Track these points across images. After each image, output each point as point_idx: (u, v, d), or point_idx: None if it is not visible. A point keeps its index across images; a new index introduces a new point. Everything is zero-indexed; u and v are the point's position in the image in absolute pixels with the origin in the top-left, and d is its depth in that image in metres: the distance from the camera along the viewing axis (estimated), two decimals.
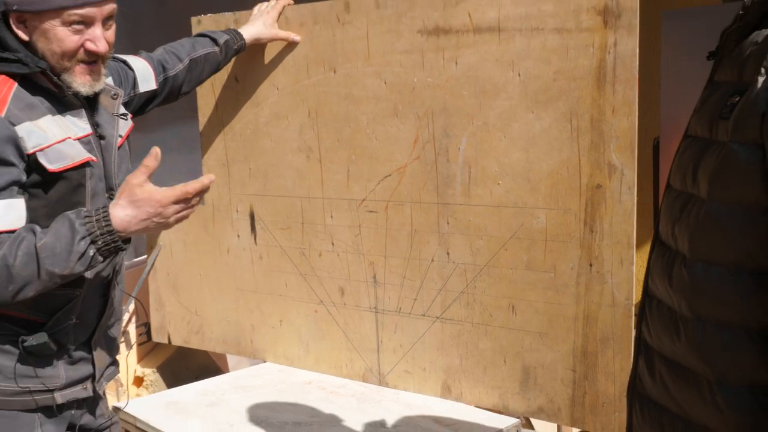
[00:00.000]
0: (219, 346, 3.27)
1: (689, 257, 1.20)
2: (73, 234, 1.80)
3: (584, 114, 2.31)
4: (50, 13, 1.87)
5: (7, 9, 1.87)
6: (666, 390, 1.28)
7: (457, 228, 2.60)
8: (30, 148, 1.86)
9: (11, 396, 1.97)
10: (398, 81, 2.63)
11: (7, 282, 1.79)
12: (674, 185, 1.30)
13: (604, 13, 2.23)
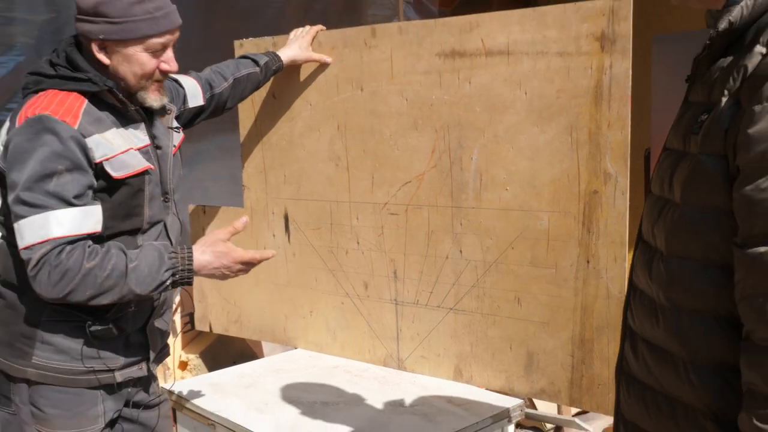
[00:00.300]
0: (255, 334, 3.30)
1: (666, 253, 1.24)
2: (160, 264, 1.95)
3: (583, 128, 2.37)
4: (135, 41, 1.97)
5: (92, 38, 1.94)
6: (648, 370, 1.31)
7: (469, 229, 2.64)
8: (98, 158, 1.96)
9: (78, 375, 2.04)
10: (418, 98, 2.68)
11: (89, 288, 1.89)
12: (654, 191, 1.34)
13: (601, 39, 2.29)
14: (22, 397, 2.04)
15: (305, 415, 2.53)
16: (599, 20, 2.29)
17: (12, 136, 1.91)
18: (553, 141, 2.43)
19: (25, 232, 1.86)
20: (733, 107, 1.11)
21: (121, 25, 1.93)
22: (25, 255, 1.87)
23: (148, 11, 1.96)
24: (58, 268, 1.85)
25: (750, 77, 1.09)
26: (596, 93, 2.32)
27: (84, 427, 2.07)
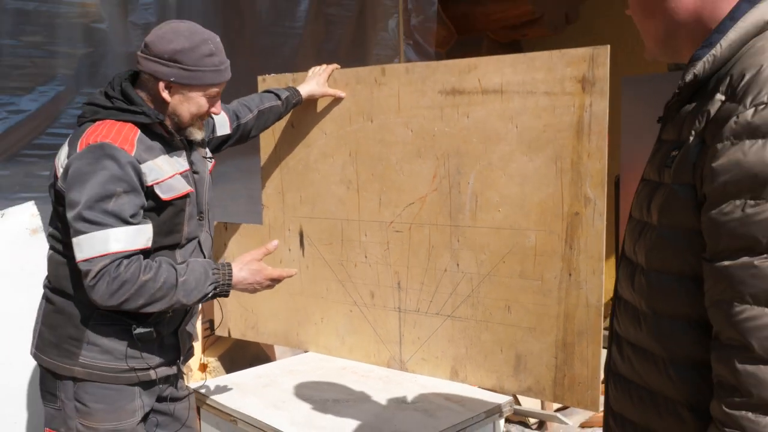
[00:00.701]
0: (270, 339, 3.32)
1: (646, 268, 1.27)
2: (205, 279, 2.08)
3: (566, 158, 2.44)
4: (199, 87, 2.13)
5: (161, 78, 2.08)
6: (633, 368, 1.32)
7: (466, 245, 2.69)
8: (149, 182, 2.07)
9: (120, 373, 2.14)
10: (422, 129, 2.73)
11: (142, 298, 1.99)
12: (634, 215, 1.37)
13: (583, 82, 2.37)
14: (67, 393, 2.11)
15: (318, 411, 2.56)
16: (581, 65, 2.36)
17: (73, 160, 1.99)
18: (540, 169, 2.49)
19: (85, 246, 1.95)
20: (699, 145, 1.15)
21: (192, 73, 2.08)
22: (84, 266, 1.96)
23: (215, 64, 2.12)
24: (117, 280, 1.95)
25: (712, 120, 1.12)
26: (578, 128, 2.41)
27: (123, 420, 2.15)
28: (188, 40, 2.08)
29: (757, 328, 1.03)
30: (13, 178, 3.21)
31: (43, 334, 2.17)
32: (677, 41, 1.29)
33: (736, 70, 1.13)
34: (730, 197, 1.07)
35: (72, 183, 1.98)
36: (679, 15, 1.24)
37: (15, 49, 3.18)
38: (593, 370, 2.45)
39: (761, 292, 1.04)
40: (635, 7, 1.34)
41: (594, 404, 2.49)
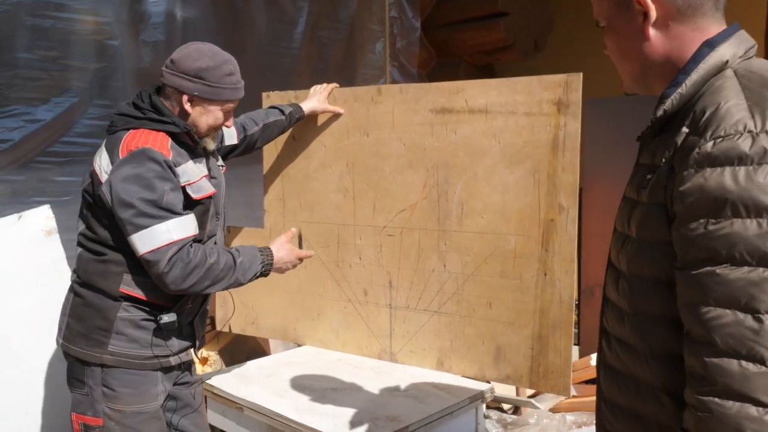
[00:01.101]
0: (269, 334, 3.38)
1: (627, 274, 1.34)
2: (255, 259, 2.31)
3: (543, 171, 2.57)
4: (219, 102, 2.25)
5: (185, 92, 2.20)
6: (619, 359, 1.38)
7: (452, 248, 2.80)
8: (182, 182, 2.19)
9: (145, 359, 2.22)
10: (414, 144, 2.85)
11: (207, 280, 2.16)
12: (618, 228, 1.42)
13: (558, 104, 2.52)
14: (95, 379, 2.19)
15: (318, 399, 2.64)
16: (557, 90, 2.52)
17: (119, 164, 2.10)
18: (520, 180, 2.62)
19: (147, 239, 2.06)
20: (669, 170, 1.21)
21: (214, 89, 2.22)
22: (152, 257, 2.07)
23: (233, 83, 2.26)
24: (189, 265, 2.10)
25: (679, 149, 1.19)
26: (554, 144, 2.54)
27: (147, 403, 2.24)
28: (212, 59, 2.22)
29: (720, 326, 1.10)
30: (27, 183, 3.27)
31: (71, 326, 2.25)
32: (650, 79, 1.37)
33: (698, 107, 1.20)
34: (695, 217, 1.13)
35: (122, 185, 2.08)
36: (652, 58, 1.33)
37: (32, 63, 3.25)
38: (565, 360, 2.59)
39: (722, 296, 1.11)
40: (613, 50, 1.41)
41: (566, 390, 2.62)
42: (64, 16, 3.33)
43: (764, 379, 1.09)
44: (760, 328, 1.08)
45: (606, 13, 1.36)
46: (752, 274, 1.09)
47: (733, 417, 1.10)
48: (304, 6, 4.30)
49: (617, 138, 4.15)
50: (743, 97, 1.16)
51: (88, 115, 3.45)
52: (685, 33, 1.29)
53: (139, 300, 2.21)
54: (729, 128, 1.13)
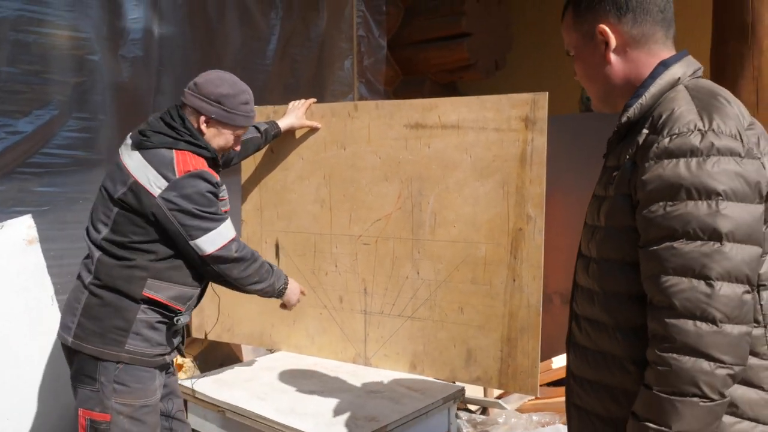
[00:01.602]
0: (245, 340, 3.36)
1: (597, 258, 1.46)
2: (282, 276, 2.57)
3: (512, 183, 2.62)
4: (233, 127, 2.40)
5: (203, 113, 2.33)
6: (589, 337, 1.49)
7: (425, 256, 2.83)
8: (220, 196, 2.36)
9: (154, 357, 2.31)
10: (389, 157, 2.88)
11: (257, 275, 2.42)
12: (588, 222, 1.55)
13: (526, 121, 2.58)
14: (108, 376, 2.22)
15: (298, 401, 2.64)
16: (525, 107, 2.58)
17: (177, 183, 2.21)
18: (490, 192, 2.67)
19: (217, 238, 2.27)
20: (632, 165, 1.36)
21: (231, 114, 2.35)
22: (222, 252, 2.28)
23: (247, 111, 2.41)
24: (251, 257, 2.39)
25: (641, 147, 1.35)
26: (522, 158, 2.60)
27: (150, 397, 2.31)
28: (231, 87, 2.36)
29: (678, 292, 1.24)
30: (7, 194, 3.21)
31: (84, 325, 2.26)
32: (614, 98, 1.52)
33: (656, 113, 1.36)
34: (655, 200, 1.29)
35: (183, 200, 2.22)
36: (614, 79, 1.50)
37: (14, 76, 3.21)
38: (533, 361, 2.63)
39: (679, 266, 1.25)
40: (582, 75, 1.57)
41: (533, 389, 2.66)
42: (46, 31, 3.30)
43: (715, 337, 1.22)
44: (711, 292, 1.23)
45: (574, 44, 1.54)
46: (704, 247, 1.24)
47: (688, 370, 1.23)
48: (276, 25, 4.34)
49: (573, 153, 4.24)
50: (693, 104, 1.33)
51: (68, 127, 3.41)
52: (640, 57, 1.47)
53: (158, 303, 2.29)
54: (682, 127, 1.29)
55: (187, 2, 3.85)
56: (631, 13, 1.45)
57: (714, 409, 1.25)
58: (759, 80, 2.76)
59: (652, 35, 1.46)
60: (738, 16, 2.80)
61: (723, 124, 1.29)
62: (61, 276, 3.28)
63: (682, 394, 1.24)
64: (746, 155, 1.28)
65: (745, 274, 1.25)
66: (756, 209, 1.28)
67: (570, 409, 1.60)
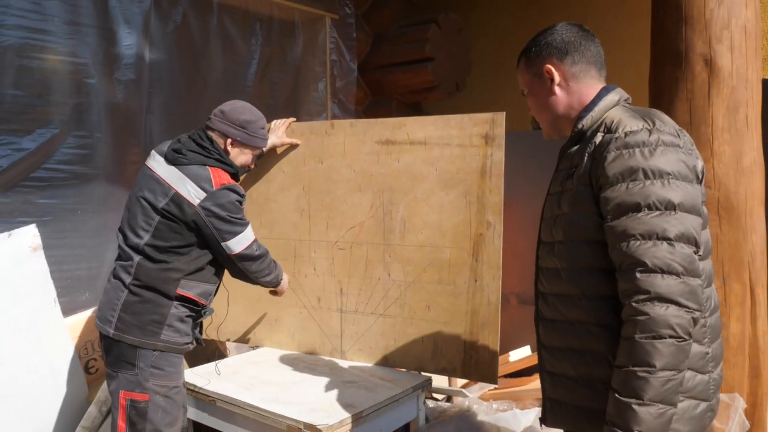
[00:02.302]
0: (232, 337, 3.37)
1: (564, 240, 1.61)
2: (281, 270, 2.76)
3: (473, 193, 2.72)
4: (253, 148, 2.64)
5: (230, 136, 2.55)
6: (557, 310, 1.64)
7: (396, 259, 2.91)
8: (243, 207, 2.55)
9: (182, 345, 2.50)
10: (362, 170, 2.96)
11: (267, 268, 2.62)
12: (546, 215, 1.72)
13: (486, 137, 2.71)
14: (146, 362, 2.40)
15: (282, 391, 2.69)
16: (485, 125, 2.70)
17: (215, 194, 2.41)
18: (454, 201, 2.76)
19: (243, 239, 2.48)
20: (590, 160, 1.55)
21: (252, 137, 2.61)
22: (249, 251, 2.50)
23: (264, 135, 2.68)
24: (266, 254, 2.60)
25: (598, 146, 1.54)
26: (482, 171, 2.72)
27: (179, 380, 2.51)
28: (252, 115, 2.61)
29: (647, 252, 1.41)
30: (13, 205, 3.25)
31: (124, 319, 2.42)
32: (561, 124, 1.74)
33: (607, 121, 1.58)
34: (618, 182, 1.47)
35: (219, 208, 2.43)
36: (559, 108, 1.72)
37: (18, 98, 3.27)
38: (492, 353, 2.73)
39: (644, 231, 1.42)
40: (534, 107, 1.78)
41: (493, 378, 2.76)
42: (47, 57, 3.36)
43: (680, 287, 1.40)
44: (673, 250, 1.41)
45: (527, 83, 1.76)
46: (662, 215, 1.42)
47: (663, 315, 1.38)
48: (256, 50, 4.43)
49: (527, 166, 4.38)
50: (637, 113, 1.56)
51: (68, 144, 3.47)
52: (580, 89, 1.70)
53: (189, 299, 2.47)
54: (633, 126, 1.51)
55: (174, 30, 3.92)
56: (570, 56, 1.68)
57: (684, 348, 1.40)
58: (692, 101, 2.87)
59: (588, 72, 1.69)
60: (673, 44, 2.92)
61: (663, 124, 1.51)
62: (62, 281, 3.32)
63: (660, 336, 1.38)
64: (683, 147, 1.50)
65: (693, 237, 1.44)
66: (695, 188, 1.48)
67: (543, 375, 1.75)
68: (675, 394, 1.40)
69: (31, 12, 3.29)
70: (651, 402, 1.38)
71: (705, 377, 1.53)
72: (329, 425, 2.38)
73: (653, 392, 1.38)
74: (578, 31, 1.71)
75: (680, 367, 1.40)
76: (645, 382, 1.38)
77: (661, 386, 1.38)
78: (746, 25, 2.85)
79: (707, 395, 1.53)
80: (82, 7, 3.47)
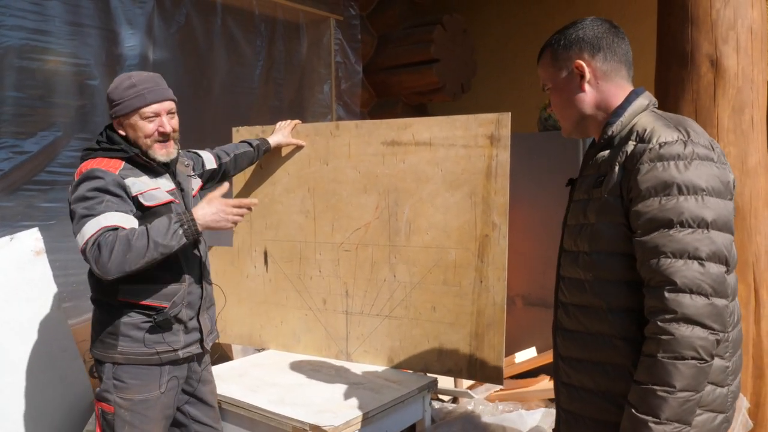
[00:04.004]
0: (236, 340, 3.41)
1: (589, 251, 1.56)
2: (169, 221, 2.12)
3: (479, 194, 2.71)
4: (132, 114, 2.22)
5: (112, 117, 2.25)
6: (579, 321, 1.60)
7: (401, 260, 2.90)
8: (134, 192, 2.19)
9: (147, 356, 2.27)
10: (368, 171, 2.96)
11: (126, 250, 2.03)
12: (572, 222, 1.67)
13: (491, 138, 2.69)
14: (107, 374, 2.28)
15: (288, 393, 2.68)
16: (490, 126, 2.69)
17: (73, 190, 2.17)
18: (459, 202, 2.75)
19: (83, 232, 2.09)
20: (621, 171, 1.50)
21: (122, 105, 2.23)
22: (86, 246, 2.07)
23: (137, 92, 2.22)
24: (107, 246, 2.05)
25: (630, 155, 1.48)
26: (488, 172, 2.70)
27: (150, 392, 2.28)
28: (114, 83, 2.27)
29: (678, 271, 1.37)
30: (15, 209, 3.26)
31: (93, 335, 2.35)
32: (587, 123, 1.67)
33: (638, 128, 1.52)
34: (651, 196, 1.43)
35: (72, 203, 2.16)
36: (587, 107, 1.65)
37: (20, 100, 3.27)
38: (498, 353, 2.72)
39: (676, 249, 1.38)
40: (558, 103, 1.70)
41: (499, 379, 2.75)
42: (49, 58, 3.36)
43: (709, 308, 1.37)
44: (704, 270, 1.38)
45: (551, 78, 1.67)
46: (695, 233, 1.39)
47: (688, 337, 1.36)
48: (260, 52, 4.45)
49: (532, 168, 4.36)
50: (670, 122, 1.51)
51: (71, 147, 3.47)
52: (609, 89, 1.63)
53: (136, 305, 2.26)
54: (668, 137, 1.45)
55: (178, 31, 3.93)
56: (602, 52, 1.61)
57: (706, 370, 1.39)
58: (697, 102, 2.86)
59: (619, 71, 1.63)
60: (679, 44, 2.90)
61: (697, 135, 1.47)
62: (67, 285, 3.32)
63: (683, 357, 1.37)
64: (718, 161, 1.45)
65: (725, 256, 1.41)
66: (729, 204, 1.45)
67: (558, 387, 1.71)
68: (692, 414, 1.40)
69: (31, 13, 3.29)
70: (667, 421, 1.38)
71: (724, 390, 1.52)
72: (335, 426, 2.37)
73: (671, 412, 1.38)
74: (610, 27, 1.65)
75: (699, 389, 1.39)
76: (663, 401, 1.38)
77: (679, 407, 1.38)
78: (752, 25, 2.85)
79: (725, 407, 1.53)
80: (84, 7, 3.47)
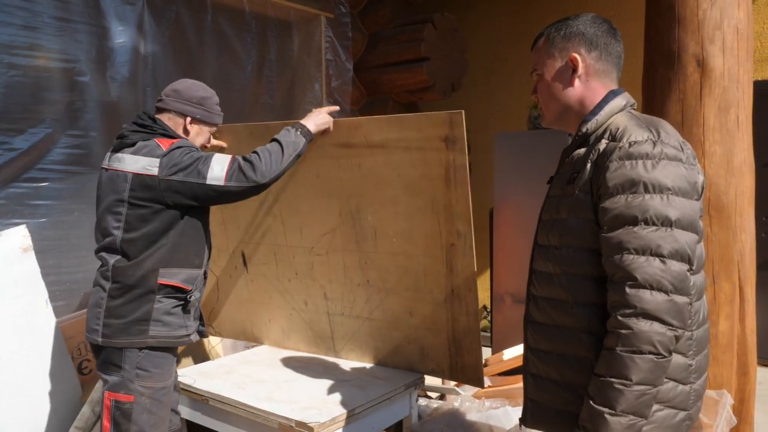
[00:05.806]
0: (230, 335, 3.40)
1: (559, 245, 1.57)
2: (285, 128, 2.52)
3: (440, 201, 2.51)
4: (210, 124, 2.55)
5: (188, 114, 2.46)
6: (547, 314, 1.61)
7: (372, 266, 2.78)
8: None
9: (177, 339, 2.38)
10: (327, 176, 2.76)
11: (268, 155, 2.38)
12: (545, 218, 1.67)
13: (446, 140, 2.42)
14: (132, 363, 2.30)
15: (275, 389, 2.68)
16: (443, 127, 2.39)
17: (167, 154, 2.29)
18: (422, 209, 2.56)
19: (219, 161, 2.32)
20: (593, 168, 1.50)
21: (211, 114, 2.53)
22: (235, 164, 2.33)
23: (220, 111, 2.58)
24: (249, 160, 2.36)
25: (602, 153, 1.49)
26: (446, 178, 2.47)
27: (167, 379, 2.39)
28: (207, 92, 2.54)
29: (639, 267, 1.38)
30: (5, 206, 3.26)
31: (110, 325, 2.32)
32: (569, 116, 1.67)
33: (612, 127, 1.53)
34: (618, 193, 1.43)
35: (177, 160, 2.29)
36: (572, 101, 1.64)
37: (9, 97, 3.22)
38: (476, 359, 2.66)
39: (638, 247, 1.39)
40: (544, 92, 1.69)
41: (480, 382, 2.70)
42: (38, 54, 3.30)
43: (668, 304, 1.38)
44: (665, 267, 1.38)
45: (543, 64, 1.67)
46: (658, 231, 1.39)
47: (646, 332, 1.37)
48: (252, 49, 4.39)
49: (521, 166, 4.32)
50: (642, 122, 1.51)
51: (61, 144, 3.44)
52: (597, 87, 1.63)
53: (173, 287, 2.34)
54: (638, 136, 1.46)
55: (169, 28, 3.84)
56: (598, 50, 1.62)
57: (663, 365, 1.40)
58: (684, 102, 2.86)
59: (609, 73, 1.64)
60: (666, 44, 2.90)
61: (668, 136, 1.47)
62: (60, 284, 3.36)
63: (640, 351, 1.37)
64: (686, 162, 1.46)
65: (687, 254, 1.41)
66: (695, 204, 1.45)
67: (527, 377, 1.73)
68: (648, 408, 1.41)
69: (19, 9, 3.21)
70: (623, 413, 1.39)
71: (686, 388, 1.53)
72: (321, 423, 2.36)
73: (626, 404, 1.39)
74: (609, 28, 1.64)
75: (656, 383, 1.41)
76: (620, 393, 1.39)
77: (635, 399, 1.39)
78: (738, 26, 2.84)
79: (686, 405, 1.54)
80: (73, 3, 3.38)
